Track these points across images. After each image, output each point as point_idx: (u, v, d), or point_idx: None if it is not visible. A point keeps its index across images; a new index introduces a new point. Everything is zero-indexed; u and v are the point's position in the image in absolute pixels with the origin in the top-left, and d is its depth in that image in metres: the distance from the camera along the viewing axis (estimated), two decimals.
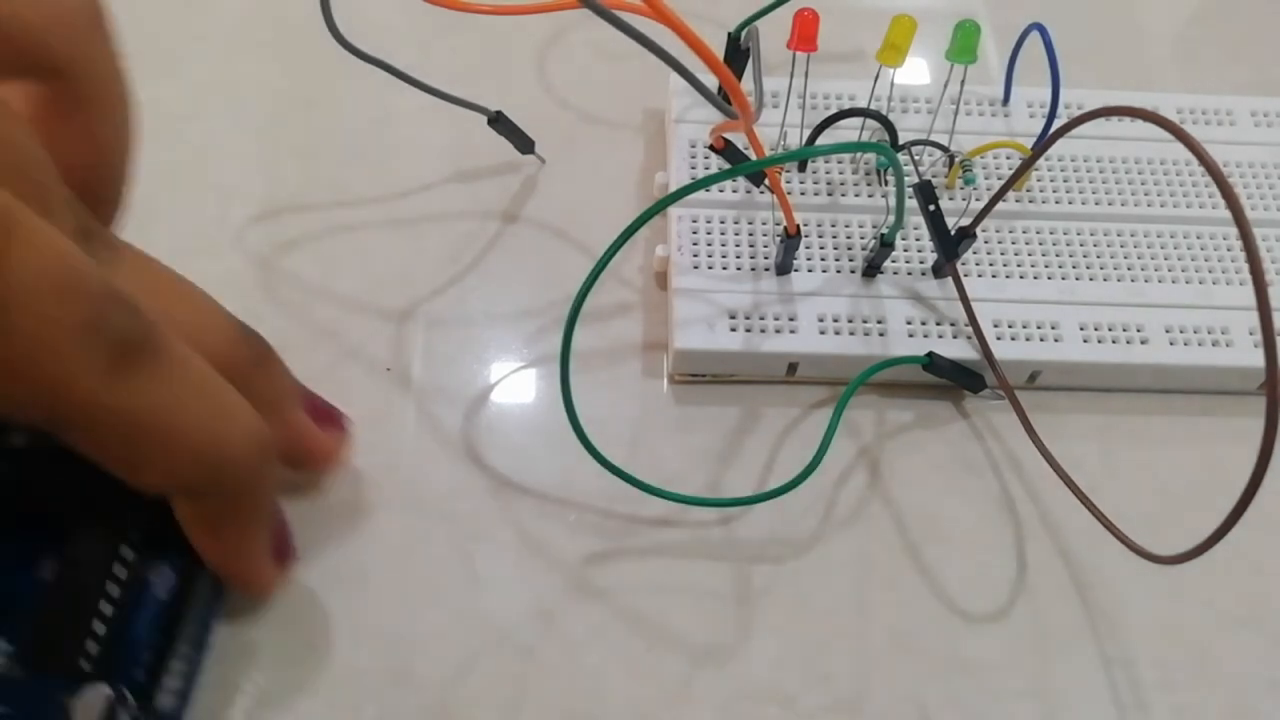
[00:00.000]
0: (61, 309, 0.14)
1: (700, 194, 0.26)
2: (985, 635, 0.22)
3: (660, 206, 0.21)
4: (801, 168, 0.27)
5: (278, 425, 0.20)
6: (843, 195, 0.27)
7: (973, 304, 0.25)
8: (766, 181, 0.25)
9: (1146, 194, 0.27)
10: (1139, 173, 0.28)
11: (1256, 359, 0.25)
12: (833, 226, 0.26)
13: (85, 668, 0.18)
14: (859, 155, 0.28)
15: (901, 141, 0.27)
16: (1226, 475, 0.24)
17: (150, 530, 0.19)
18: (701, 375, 0.25)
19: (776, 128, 0.27)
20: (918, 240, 0.26)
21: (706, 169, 0.27)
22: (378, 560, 0.23)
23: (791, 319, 0.25)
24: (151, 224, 0.27)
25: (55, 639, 0.18)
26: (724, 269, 0.26)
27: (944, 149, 0.27)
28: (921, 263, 0.26)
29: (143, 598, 0.19)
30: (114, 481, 0.17)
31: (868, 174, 0.27)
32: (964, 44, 0.24)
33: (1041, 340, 0.25)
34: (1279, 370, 0.16)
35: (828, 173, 0.27)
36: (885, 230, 0.24)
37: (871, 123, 0.27)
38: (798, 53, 0.25)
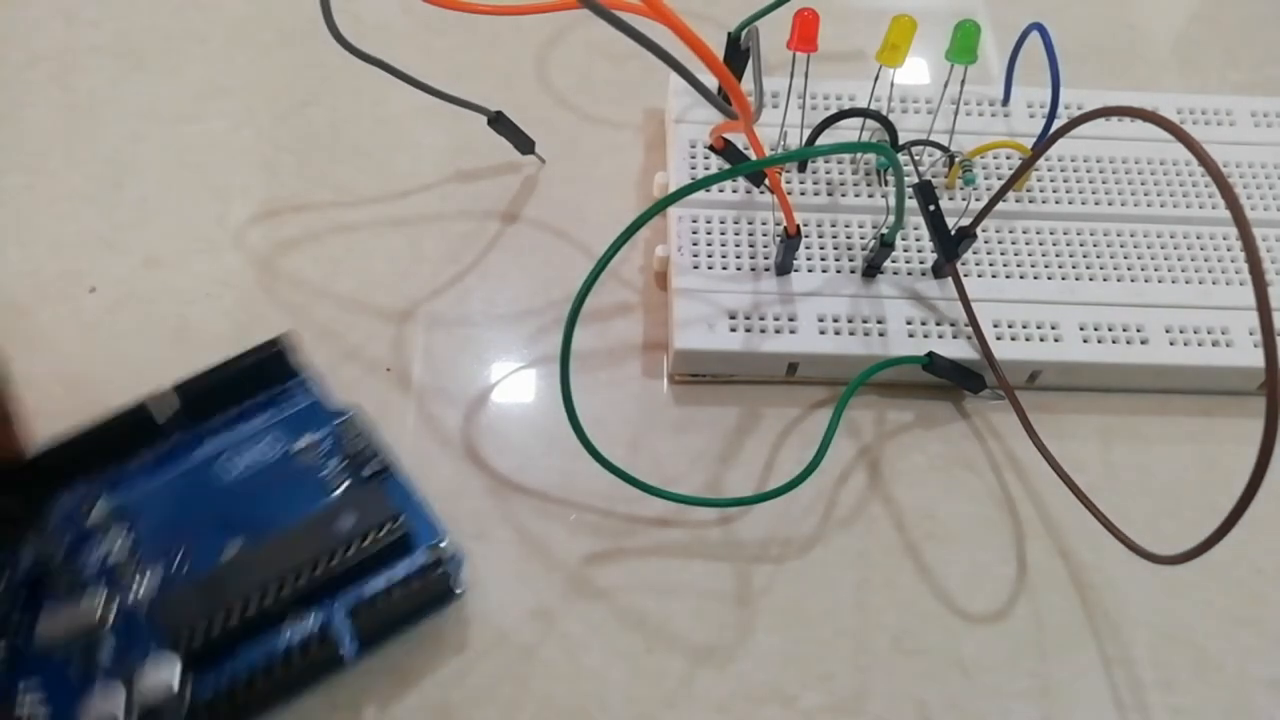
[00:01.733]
0: None
1: (700, 194, 0.26)
2: (985, 635, 0.22)
3: (660, 206, 0.21)
4: (801, 168, 0.27)
5: None
6: (843, 195, 0.27)
7: (973, 304, 0.25)
8: (766, 181, 0.25)
9: (1146, 194, 0.27)
10: (1139, 173, 0.28)
11: (1256, 359, 0.25)
12: (833, 226, 0.26)
13: None
14: (859, 155, 0.28)
15: (901, 141, 0.27)
16: (1226, 475, 0.25)
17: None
18: (701, 375, 0.25)
19: (776, 128, 0.27)
20: (918, 240, 0.26)
21: (706, 169, 0.27)
22: None
23: (791, 319, 0.25)
24: (152, 224, 0.27)
25: None
26: (724, 269, 0.26)
27: (944, 149, 0.27)
28: (921, 263, 0.26)
29: None
30: None
31: (868, 174, 0.27)
32: (964, 44, 0.24)
33: (1041, 340, 0.25)
34: (1279, 370, 0.16)
35: (828, 173, 0.27)
36: (885, 230, 0.24)
37: (871, 123, 0.27)
38: (798, 53, 0.25)
